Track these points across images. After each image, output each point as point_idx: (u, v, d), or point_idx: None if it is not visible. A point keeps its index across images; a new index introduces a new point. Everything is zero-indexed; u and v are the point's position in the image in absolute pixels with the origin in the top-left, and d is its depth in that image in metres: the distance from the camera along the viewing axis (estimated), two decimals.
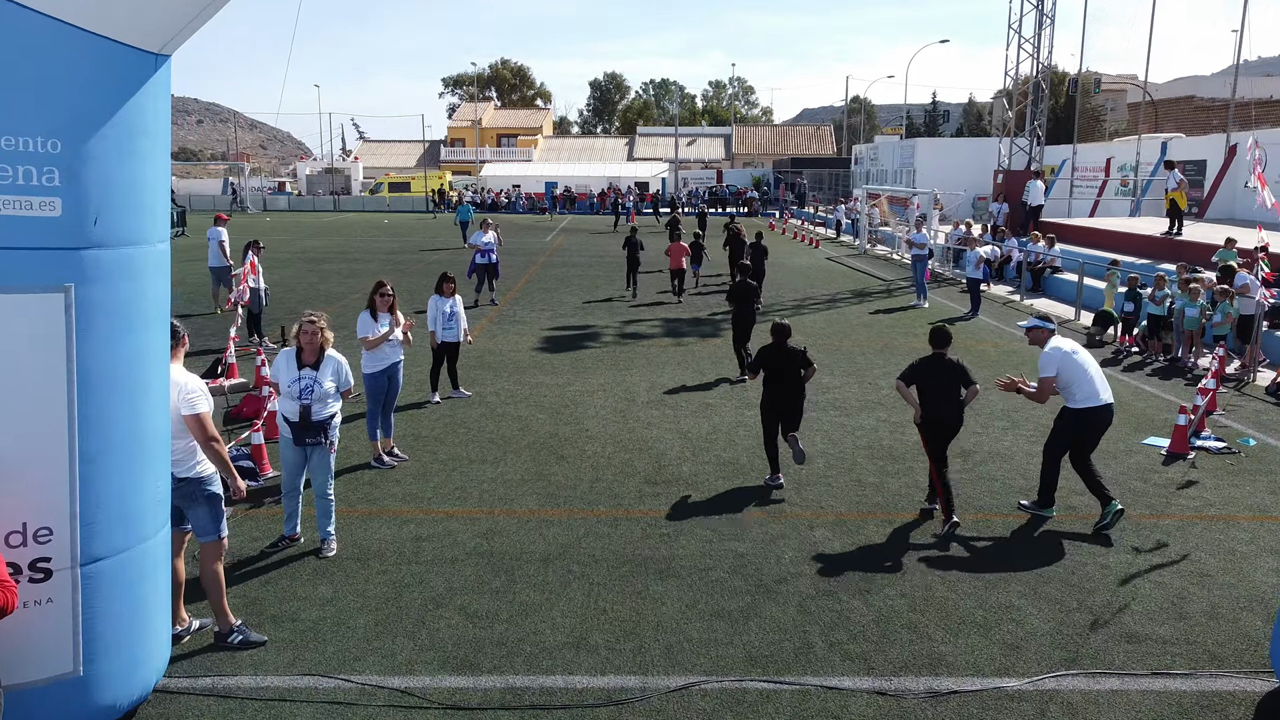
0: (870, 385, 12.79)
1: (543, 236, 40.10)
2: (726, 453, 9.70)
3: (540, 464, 9.28)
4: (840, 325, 17.67)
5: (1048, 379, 8.02)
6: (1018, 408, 11.54)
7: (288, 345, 7.32)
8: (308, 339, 6.91)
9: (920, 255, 20.02)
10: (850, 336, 16.46)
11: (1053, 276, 22.41)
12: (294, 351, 6.99)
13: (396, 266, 27.21)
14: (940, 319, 18.37)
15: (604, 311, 19.06)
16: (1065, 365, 7.93)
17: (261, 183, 68.45)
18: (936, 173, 40.88)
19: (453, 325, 11.52)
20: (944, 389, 7.88)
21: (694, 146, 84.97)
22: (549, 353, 14.80)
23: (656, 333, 16.77)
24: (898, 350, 15.22)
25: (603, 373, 13.38)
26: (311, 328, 6.94)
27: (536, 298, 20.97)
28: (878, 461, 9.49)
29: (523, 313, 18.78)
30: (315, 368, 6.87)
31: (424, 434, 10.28)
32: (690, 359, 14.43)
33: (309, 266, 26.97)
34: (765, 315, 18.43)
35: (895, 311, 19.39)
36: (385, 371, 9.08)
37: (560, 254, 31.89)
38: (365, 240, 37.25)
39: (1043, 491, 8.25)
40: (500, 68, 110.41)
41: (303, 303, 19.65)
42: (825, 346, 15.42)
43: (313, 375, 6.84)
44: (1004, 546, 7.39)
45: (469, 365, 13.64)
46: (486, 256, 19.44)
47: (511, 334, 16.39)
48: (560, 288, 22.69)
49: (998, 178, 27.71)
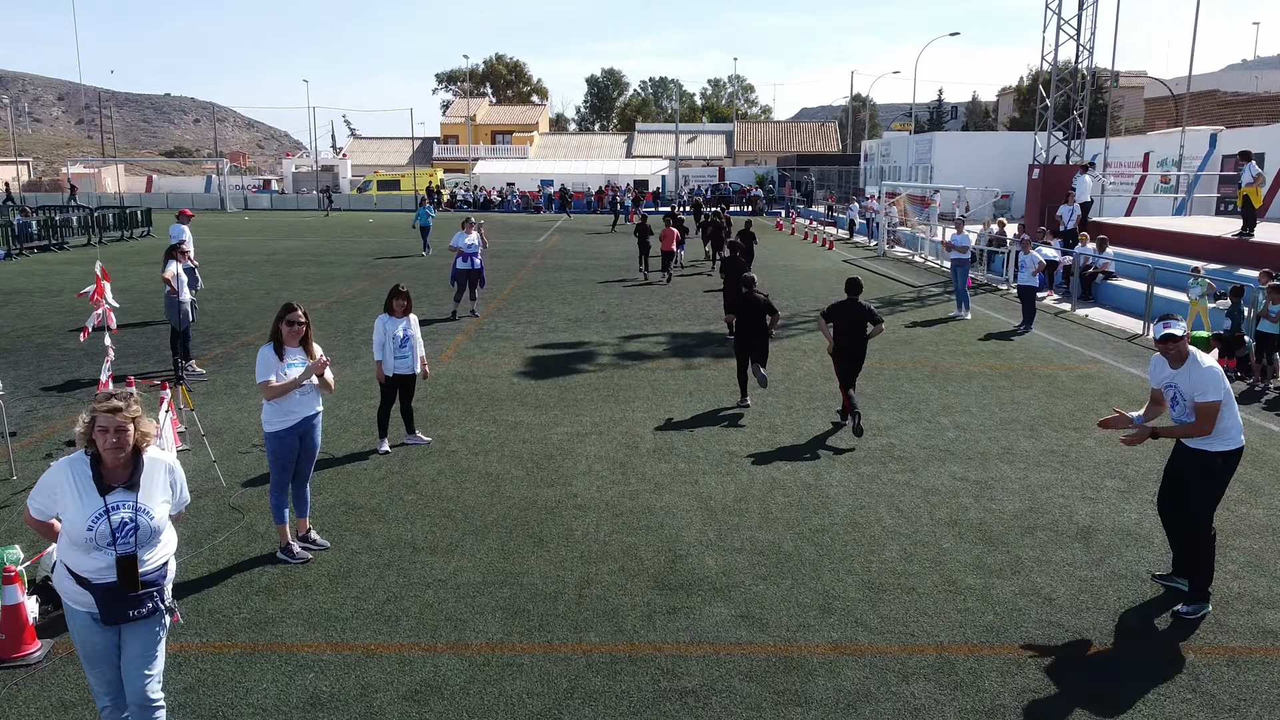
0: (931, 425, 10.28)
1: (535, 237, 37.56)
2: (763, 532, 7.19)
3: (511, 553, 6.77)
4: (875, 342, 15.13)
5: (1213, 405, 5.74)
6: (1127, 459, 9.04)
7: (75, 448, 4.08)
8: (113, 443, 3.89)
9: (961, 260, 17.52)
10: (890, 356, 13.96)
11: (1105, 283, 19.92)
12: (86, 464, 3.96)
13: (371, 271, 24.68)
14: (987, 333, 15.88)
15: (600, 326, 16.54)
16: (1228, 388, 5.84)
17: (243, 180, 65.82)
18: (955, 169, 38.42)
19: (406, 353, 9.03)
20: (854, 326, 10.03)
21: (694, 144, 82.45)
22: (534, 378, 12.29)
23: (661, 351, 14.26)
24: (952, 376, 12.72)
25: (598, 406, 10.86)
26: (115, 421, 3.88)
27: (523, 307, 18.46)
28: (970, 546, 6.98)
29: (506, 326, 16.25)
30: (132, 487, 3.98)
31: (359, 502, 7.76)
32: (704, 386, 11.91)
33: (274, 270, 24.42)
34: (788, 330, 15.94)
35: (935, 324, 16.89)
36: (296, 429, 6.56)
37: (553, 256, 29.37)
38: (345, 241, 34.71)
39: (1199, 581, 5.92)
40: (495, 63, 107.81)
41: (255, 313, 17.13)
42: (866, 371, 12.88)
43: (132, 501, 3.97)
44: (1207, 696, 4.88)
45: (433, 396, 11.12)
46: (470, 261, 16.90)
47: (491, 353, 13.87)
48: (551, 295, 20.17)
49: (1033, 173, 25.25)
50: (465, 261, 16.88)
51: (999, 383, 12.31)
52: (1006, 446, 9.48)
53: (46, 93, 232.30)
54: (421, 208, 31.00)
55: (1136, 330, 16.20)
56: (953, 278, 18.02)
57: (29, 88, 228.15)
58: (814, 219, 47.26)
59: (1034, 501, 7.92)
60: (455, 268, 17.03)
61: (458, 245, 16.84)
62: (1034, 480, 8.46)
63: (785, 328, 16.23)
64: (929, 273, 25.38)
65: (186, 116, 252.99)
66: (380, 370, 8.96)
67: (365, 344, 14.42)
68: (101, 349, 10.05)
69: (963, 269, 17.52)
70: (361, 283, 22.04)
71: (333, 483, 8.19)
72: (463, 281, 17.08)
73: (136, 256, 28.26)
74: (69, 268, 25.12)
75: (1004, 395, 11.63)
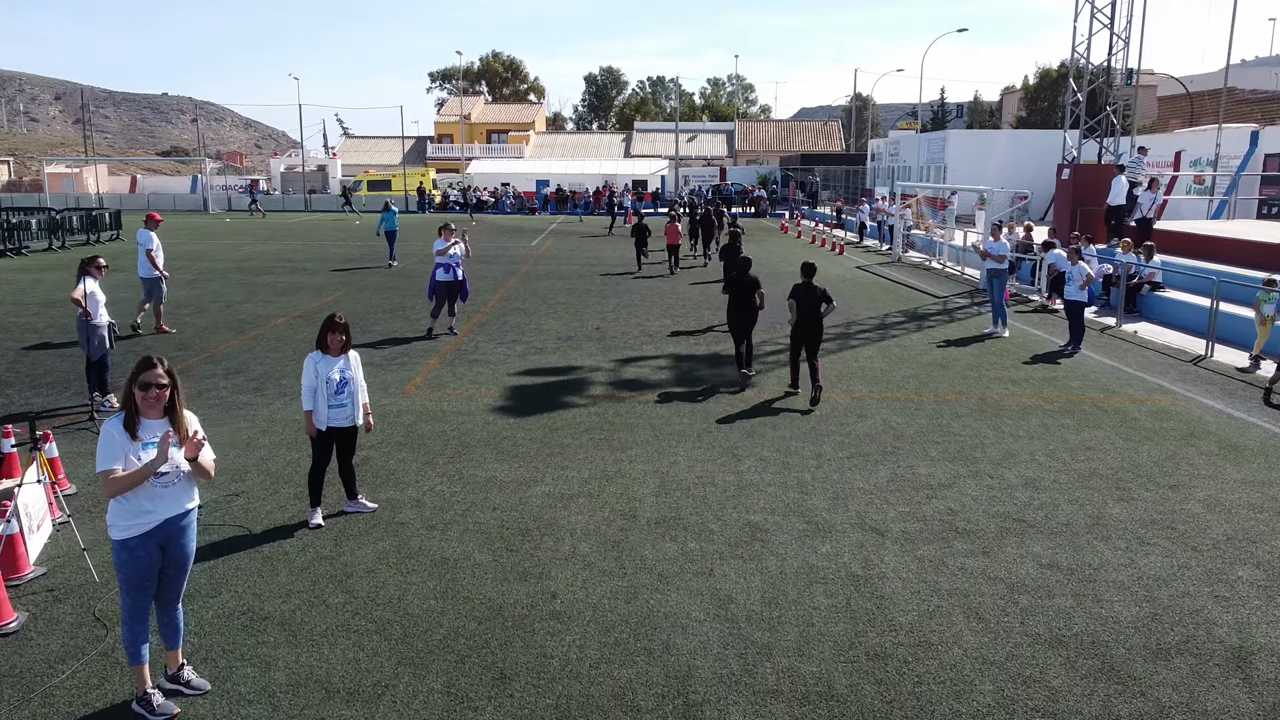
0: (995, 482, 8.40)
1: (528, 240, 35.66)
2: (804, 660, 5.32)
3: (459, 699, 4.90)
4: (908, 366, 13.29)
5: None
6: (1251, 534, 7.17)
7: None
8: None
9: (998, 270, 15.64)
10: (928, 385, 12.09)
11: (1152, 294, 18.06)
12: None
13: (346, 279, 22.78)
14: (1031, 354, 14.00)
15: (593, 345, 14.66)
16: None
17: (227, 180, 63.87)
18: (971, 168, 36.58)
19: (344, 401, 7.17)
20: (811, 304, 11.23)
21: (694, 143, 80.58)
22: (513, 415, 10.40)
23: (663, 378, 12.37)
24: (1004, 411, 10.84)
25: (588, 455, 8.99)
26: None
27: (509, 323, 16.56)
28: (1089, 683, 5.10)
29: (487, 347, 14.36)
30: None
31: (267, 609, 5.88)
32: (714, 425, 10.02)
33: (242, 279, 22.51)
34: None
35: (970, 343, 15.02)
36: (153, 536, 4.66)
37: (546, 262, 27.47)
38: (327, 245, 32.80)
39: None
40: (491, 60, 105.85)
41: (207, 332, 15.21)
42: (902, 404, 11.04)
43: None
44: None
45: (391, 441, 9.25)
46: (451, 272, 14.98)
47: (466, 381, 11.98)
48: (540, 308, 18.28)
49: (1062, 173, 23.38)
50: (446, 272, 14.95)
51: (1061, 420, 10.43)
52: (1095, 514, 7.61)
53: (44, 92, 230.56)
54: (386, 212, 26.47)
55: (1198, 350, 14.33)
56: (988, 290, 16.14)
57: (26, 87, 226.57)
58: (819, 220, 45.40)
59: (1154, 604, 6.05)
60: (434, 279, 15.04)
61: (441, 250, 14.84)
62: (1145, 568, 6.59)
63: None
64: (950, 280, 23.51)
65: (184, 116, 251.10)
66: (309, 422, 7.09)
67: None
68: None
69: (1000, 280, 15.64)
70: (334, 292, 20.15)
71: (238, 576, 6.31)
72: (442, 295, 15.14)
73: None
74: (18, 275, 23.21)
75: (1071, 437, 9.77)
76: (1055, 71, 79.77)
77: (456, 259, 14.89)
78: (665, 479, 8.34)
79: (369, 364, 12.77)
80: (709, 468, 8.67)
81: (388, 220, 26.17)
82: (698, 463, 8.80)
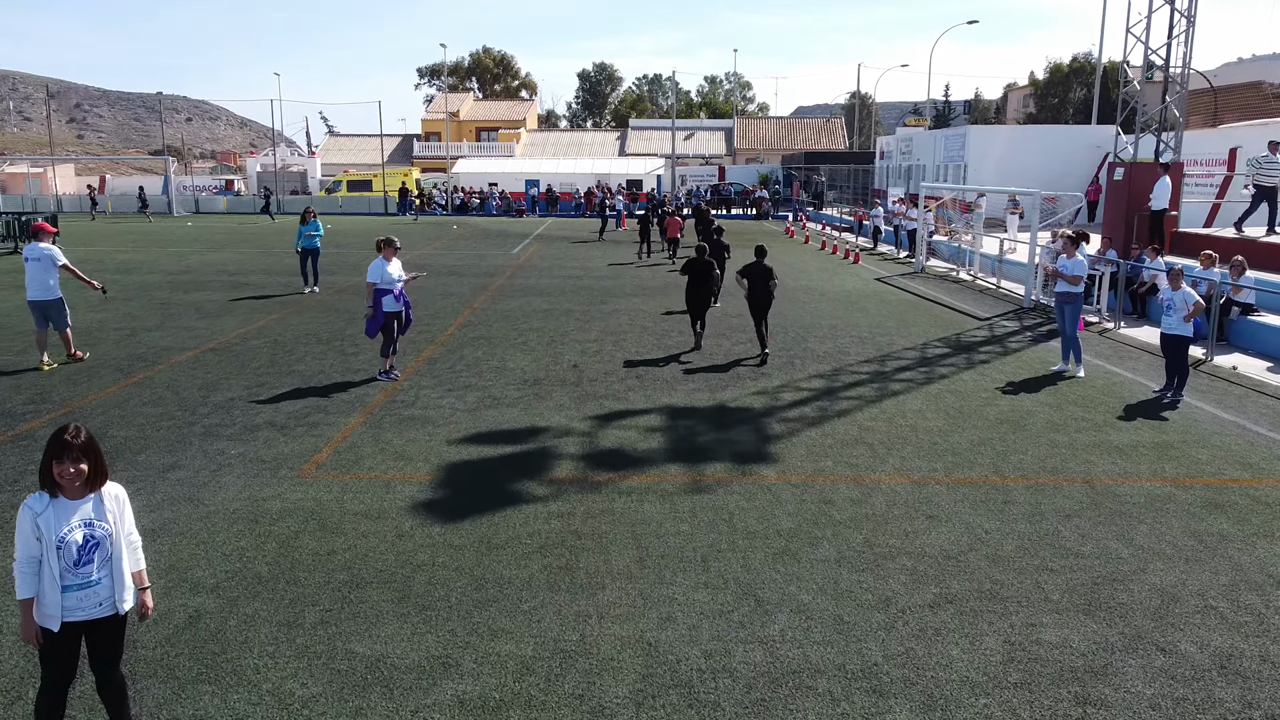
0: (1166, 659, 5.35)
1: (510, 247, 32.56)
2: None
3: None
4: (972, 424, 10.25)
5: None
6: None
7: None
8: None
9: (1071, 294, 12.58)
10: (1008, 457, 9.04)
11: (1242, 319, 15.07)
12: None
13: (287, 299, 19.66)
14: (1123, 402, 10.95)
15: (567, 393, 11.61)
16: None
17: (193, 180, 60.64)
18: (993, 166, 33.58)
19: (90, 575, 4.13)
20: (761, 279, 13.29)
21: (692, 141, 77.54)
22: (440, 521, 7.35)
23: (655, 446, 9.32)
24: (1127, 505, 7.80)
25: (536, 607, 5.93)
26: None
27: (466, 358, 13.50)
28: None
29: (431, 395, 11.29)
30: None
31: None
32: (732, 548, 6.98)
33: (166, 297, 19.41)
34: (842, 390, 10.93)
35: (1039, 386, 11.98)
36: None
37: (525, 273, 24.39)
38: (285, 253, 29.67)
39: None
40: (482, 56, 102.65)
41: (88, 371, 12.05)
42: (983, 494, 7.97)
43: None
44: None
45: (246, 576, 6.17)
46: (400, 300, 11.89)
47: (389, 456, 8.91)
48: (508, 338, 15.21)
49: (1115, 173, 20.36)
50: (397, 301, 11.82)
51: (1213, 523, 7.40)
52: None
53: (38, 91, 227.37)
54: (306, 224, 19.78)
55: None
56: (1058, 319, 13.07)
57: (19, 85, 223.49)
58: (827, 223, 42.37)
59: None
60: (379, 310, 11.63)
61: (378, 281, 11.53)
62: None
63: (830, 399, 11.33)
64: (986, 296, 20.48)
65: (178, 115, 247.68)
66: (27, 619, 4.06)
67: (205, 434, 9.48)
68: None
69: (1073, 307, 12.60)
70: (268, 315, 17.07)
71: None
72: (391, 329, 11.97)
73: (6, 277, 23.20)
74: None
75: (1242, 557, 6.74)
76: (1067, 67, 76.83)
77: (397, 282, 11.78)
78: (653, 659, 5.29)
79: (267, 424, 9.70)
80: (721, 629, 5.62)
81: (307, 237, 19.79)
82: (704, 618, 5.76)
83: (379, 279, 11.59)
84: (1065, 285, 12.60)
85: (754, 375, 12.47)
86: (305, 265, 20.06)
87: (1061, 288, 12.67)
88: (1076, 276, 12.59)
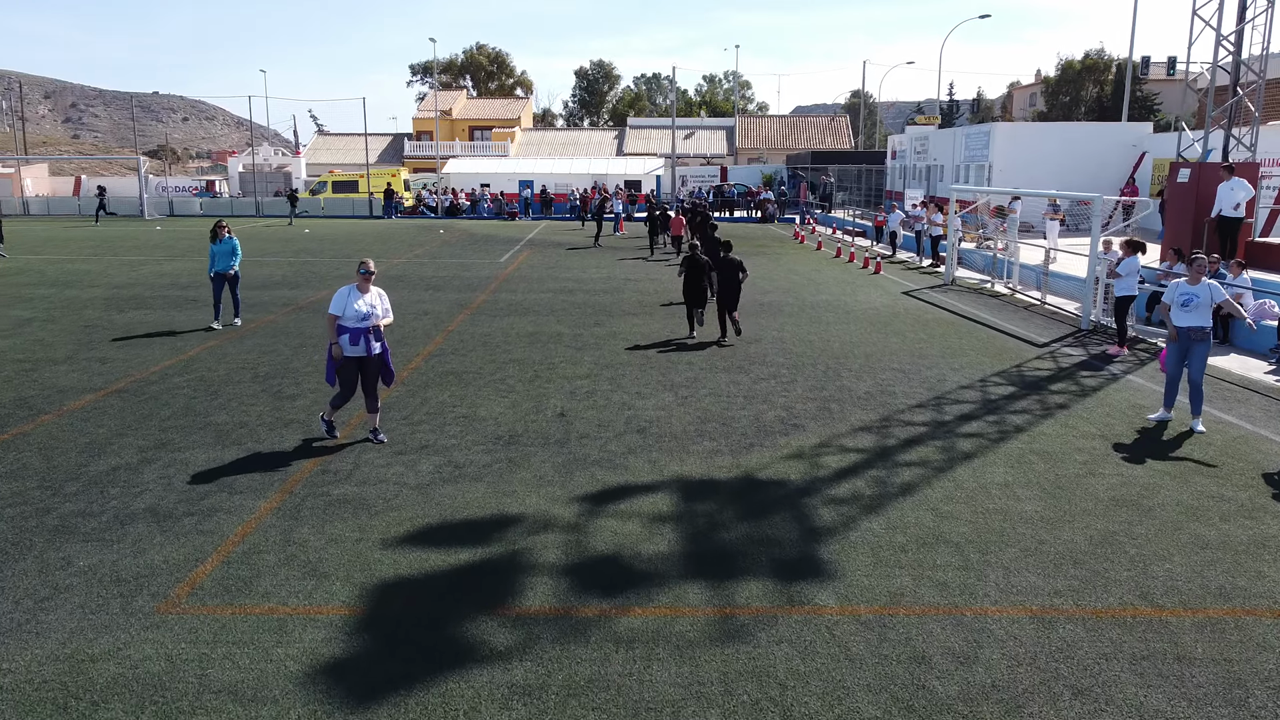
0: None
1: (497, 255, 30.08)
2: None
3: None
4: (1079, 509, 7.80)
5: None
6: None
7: None
8: None
9: (1203, 331, 10.00)
10: (1148, 567, 6.59)
11: None
12: None
13: (230, 327, 17.20)
14: (1262, 469, 8.47)
15: (548, 458, 9.15)
16: None
17: (168, 181, 58.05)
18: (1020, 166, 31.15)
19: None
20: (730, 273, 14.50)
21: (692, 140, 75.09)
22: (348, 708, 4.88)
23: (662, 552, 6.87)
24: None
25: None
26: None
27: (429, 405, 11.02)
28: None
29: (375, 463, 8.80)
30: None
31: None
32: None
33: (95, 317, 16.90)
34: (897, 450, 8.38)
35: (1146, 445, 9.52)
36: None
37: (513, 286, 21.91)
38: (252, 262, 27.17)
39: None
40: (476, 53, 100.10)
41: None
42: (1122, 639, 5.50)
43: None
44: None
45: None
46: (363, 343, 9.02)
47: (297, 572, 6.43)
48: (484, 373, 12.74)
49: (1179, 174, 17.94)
50: (356, 342, 9.08)
51: None
52: None
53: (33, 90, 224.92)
54: (219, 242, 15.56)
55: None
56: (1171, 360, 10.43)
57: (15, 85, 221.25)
58: (837, 227, 39.92)
59: None
60: (337, 352, 8.95)
61: (341, 313, 8.91)
62: None
63: (886, 466, 8.87)
64: (1035, 315, 18.02)
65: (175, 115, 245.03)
66: None
67: (57, 531, 7.00)
68: None
69: (1202, 348, 10.02)
70: (201, 345, 14.58)
71: None
72: (350, 379, 9.18)
73: None
74: None
75: None
76: (1079, 64, 74.43)
77: (370, 322, 9.20)
78: None
79: (147, 513, 7.20)
80: None
81: (221, 258, 15.63)
82: None
83: (340, 311, 9.02)
84: (1191, 316, 10.04)
85: (784, 429, 10.00)
86: (220, 293, 15.83)
87: (1186, 320, 10.08)
88: (1220, 305, 10.10)
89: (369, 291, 9.08)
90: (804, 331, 15.65)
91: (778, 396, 11.33)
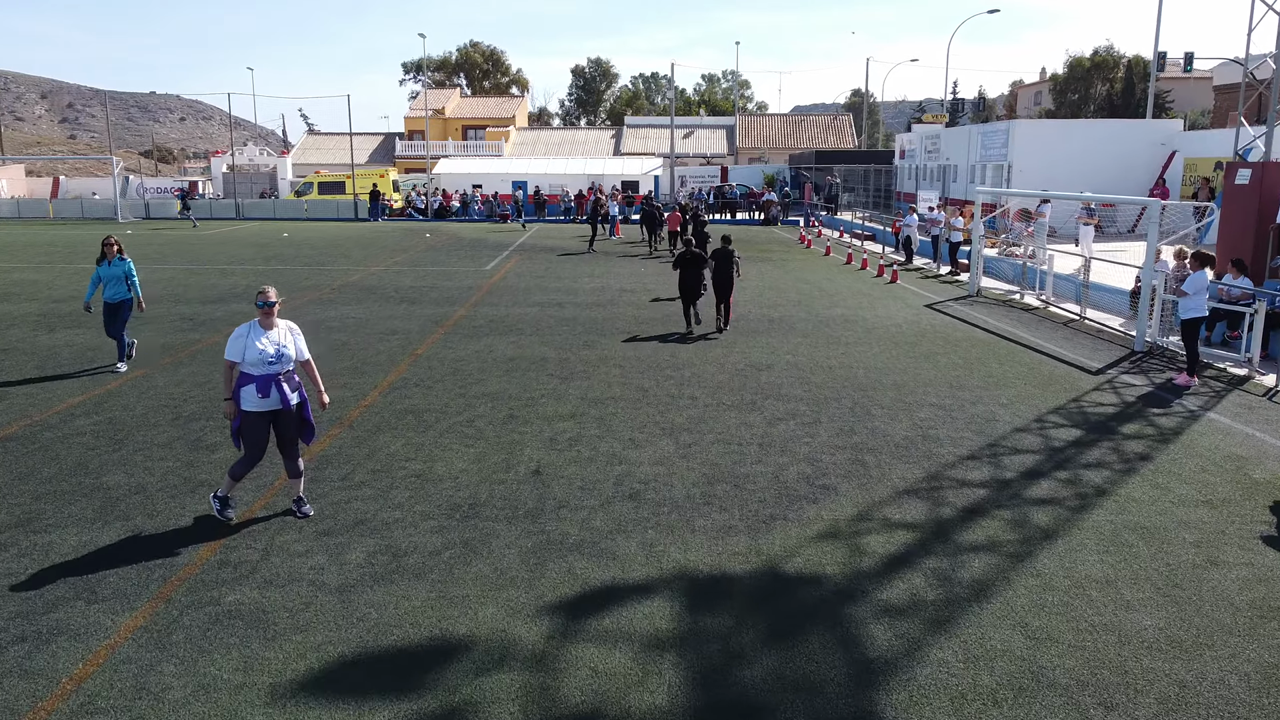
0: None
1: (484, 262, 28.12)
2: None
3: None
4: (1207, 615, 5.93)
5: None
6: None
7: None
8: None
9: None
10: None
11: None
12: None
13: (183, 337, 15.23)
14: None
15: (514, 549, 7.26)
16: None
17: (141, 182, 55.99)
18: (1041, 166, 29.25)
19: None
20: (725, 262, 15.09)
21: (691, 139, 73.12)
22: None
23: (701, 700, 4.95)
24: None
25: None
26: None
27: (376, 455, 9.08)
28: None
29: (290, 549, 6.87)
30: None
31: None
32: None
33: (22, 336, 14.97)
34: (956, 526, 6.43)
35: (1263, 512, 7.62)
36: None
37: (493, 301, 19.96)
38: (220, 271, 25.23)
39: None
40: (470, 51, 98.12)
41: None
42: None
43: None
44: None
45: None
46: (274, 392, 7.07)
47: None
48: (449, 411, 10.80)
49: (1237, 175, 16.06)
50: (264, 393, 7.06)
51: None
52: None
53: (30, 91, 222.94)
54: (105, 263, 12.32)
55: None
56: None
57: (12, 85, 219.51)
58: (844, 230, 37.98)
59: None
60: (240, 409, 7.06)
61: (241, 360, 6.97)
62: None
63: (945, 552, 6.93)
64: (1078, 332, 16.10)
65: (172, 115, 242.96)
66: None
67: None
68: None
69: None
70: (122, 376, 12.65)
71: None
72: (260, 438, 7.16)
73: None
74: None
75: None
76: (1089, 61, 72.56)
77: (281, 366, 7.23)
78: None
79: None
80: None
81: (110, 280, 12.37)
82: None
83: (239, 356, 7.06)
84: None
85: (812, 492, 8.08)
86: (111, 328, 12.56)
87: None
88: None
89: (274, 327, 7.12)
90: (821, 355, 13.74)
91: (799, 444, 9.41)
